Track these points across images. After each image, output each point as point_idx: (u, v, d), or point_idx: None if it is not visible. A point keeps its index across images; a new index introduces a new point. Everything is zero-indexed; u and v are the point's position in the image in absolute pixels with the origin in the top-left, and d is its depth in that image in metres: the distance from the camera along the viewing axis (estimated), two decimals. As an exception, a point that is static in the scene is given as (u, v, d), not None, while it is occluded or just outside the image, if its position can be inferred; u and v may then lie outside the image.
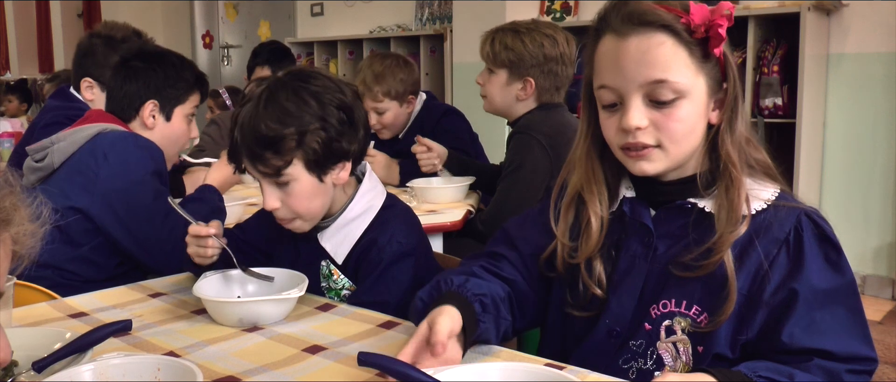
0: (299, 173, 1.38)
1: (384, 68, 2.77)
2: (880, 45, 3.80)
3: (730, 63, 1.12)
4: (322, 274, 1.50)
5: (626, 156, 1.14)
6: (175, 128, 2.00)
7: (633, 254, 1.17)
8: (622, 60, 1.10)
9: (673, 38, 1.08)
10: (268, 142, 1.35)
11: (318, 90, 1.37)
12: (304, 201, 1.40)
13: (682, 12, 1.08)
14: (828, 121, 3.98)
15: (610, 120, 1.14)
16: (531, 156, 2.18)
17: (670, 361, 1.12)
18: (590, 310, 1.18)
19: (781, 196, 1.13)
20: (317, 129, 1.36)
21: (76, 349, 1.06)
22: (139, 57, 1.99)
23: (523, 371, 0.98)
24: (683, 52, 1.08)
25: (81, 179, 1.82)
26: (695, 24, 1.07)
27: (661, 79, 1.08)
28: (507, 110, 2.32)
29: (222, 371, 1.09)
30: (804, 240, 1.08)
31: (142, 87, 1.95)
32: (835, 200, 3.96)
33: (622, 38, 1.10)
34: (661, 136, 1.11)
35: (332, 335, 1.24)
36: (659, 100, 1.09)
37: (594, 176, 1.20)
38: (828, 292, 1.06)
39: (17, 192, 0.82)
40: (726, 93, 1.13)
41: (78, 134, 1.87)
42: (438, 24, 5.52)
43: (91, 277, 1.79)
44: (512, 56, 2.24)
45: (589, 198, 1.20)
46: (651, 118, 1.10)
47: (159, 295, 1.48)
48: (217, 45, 7.63)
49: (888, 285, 3.89)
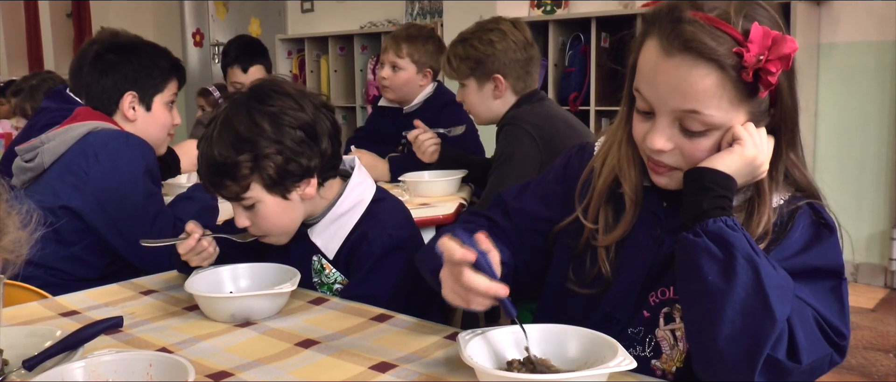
0: (261, 195, 1.38)
1: (420, 34, 2.89)
2: (871, 35, 3.81)
3: (783, 95, 1.04)
4: (314, 268, 1.49)
5: (650, 168, 1.12)
6: (157, 116, 2.00)
7: (639, 243, 1.16)
8: (660, 79, 1.03)
9: (718, 73, 0.99)
10: (222, 169, 1.35)
11: (274, 110, 1.36)
12: (271, 219, 1.41)
13: (741, 36, 0.98)
14: (820, 111, 3.99)
15: (640, 125, 1.10)
16: (520, 147, 2.18)
17: (668, 349, 1.13)
18: (593, 288, 1.18)
19: (793, 197, 1.11)
20: (272, 154, 1.35)
21: (67, 346, 1.06)
22: (112, 50, 1.97)
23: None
24: (728, 88, 1.00)
25: (73, 179, 1.81)
26: (746, 61, 0.97)
27: (694, 110, 1.02)
28: (491, 114, 2.35)
29: (215, 367, 1.09)
30: (796, 219, 1.07)
31: (119, 80, 1.94)
32: (827, 189, 3.90)
33: (666, 54, 1.01)
34: (684, 161, 1.07)
35: (324, 329, 1.23)
36: (688, 129, 1.04)
37: (632, 160, 1.16)
38: (810, 265, 1.04)
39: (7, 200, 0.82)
40: (773, 118, 1.07)
41: (68, 133, 1.85)
42: (429, 19, 5.51)
43: (82, 276, 1.78)
44: (470, 63, 2.28)
45: (626, 182, 1.16)
46: (677, 143, 1.06)
47: (151, 292, 1.47)
48: (207, 43, 7.60)
49: (880, 272, 3.91)
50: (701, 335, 0.98)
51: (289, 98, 1.38)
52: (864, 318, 3.47)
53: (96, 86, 1.96)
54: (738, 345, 0.94)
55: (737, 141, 1.03)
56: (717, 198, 1.00)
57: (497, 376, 0.95)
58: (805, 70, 3.80)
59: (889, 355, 3.06)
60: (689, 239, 0.99)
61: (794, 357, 0.95)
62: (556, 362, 1.01)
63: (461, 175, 2.49)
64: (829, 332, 1.00)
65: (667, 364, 1.13)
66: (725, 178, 1.02)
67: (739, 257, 0.95)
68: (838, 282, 1.05)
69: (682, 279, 1.02)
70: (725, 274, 0.95)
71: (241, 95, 1.40)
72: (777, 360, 0.94)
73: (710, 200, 1.00)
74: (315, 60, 6.08)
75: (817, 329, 0.99)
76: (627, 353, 0.94)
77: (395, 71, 2.86)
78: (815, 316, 1.00)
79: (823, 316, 1.01)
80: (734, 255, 0.95)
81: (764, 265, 0.96)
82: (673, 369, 1.12)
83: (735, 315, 0.94)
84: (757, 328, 0.93)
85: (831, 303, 1.03)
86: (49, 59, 8.69)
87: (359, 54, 5.75)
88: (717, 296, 0.95)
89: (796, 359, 0.95)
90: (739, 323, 0.94)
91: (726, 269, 0.95)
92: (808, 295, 1.01)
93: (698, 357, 1.00)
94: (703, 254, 0.97)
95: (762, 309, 0.93)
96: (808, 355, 0.96)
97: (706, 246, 0.97)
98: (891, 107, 3.80)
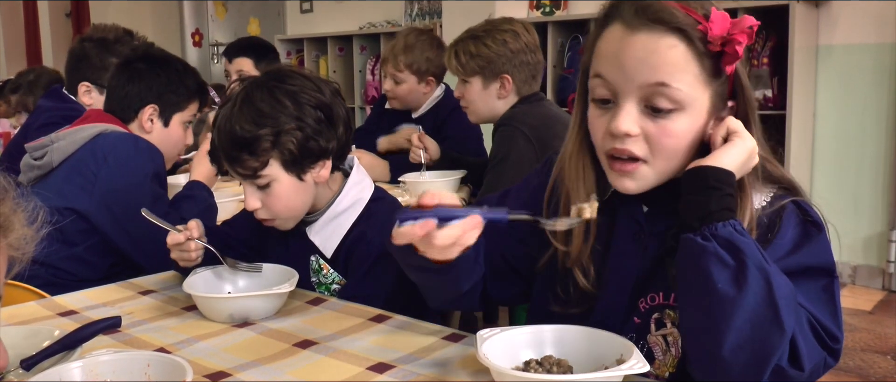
0: (277, 173, 1.38)
1: (416, 42, 2.81)
2: (869, 36, 3.82)
3: (741, 81, 1.04)
4: (312, 268, 1.50)
5: (610, 166, 1.06)
6: (172, 134, 1.99)
7: (624, 252, 1.13)
8: (625, 54, 1.01)
9: (686, 44, 0.99)
10: (243, 143, 1.35)
11: (295, 89, 1.38)
12: (284, 201, 1.41)
13: (703, 18, 0.99)
14: (818, 113, 3.99)
15: (599, 119, 1.06)
16: (516, 147, 2.18)
17: (660, 354, 1.11)
18: (579, 307, 1.15)
19: (777, 196, 1.07)
20: (292, 130, 1.36)
21: (65, 346, 1.06)
22: (144, 59, 1.98)
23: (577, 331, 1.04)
24: (693, 62, 1.00)
25: (81, 180, 1.81)
26: (712, 35, 0.98)
27: (662, 82, 0.99)
28: (492, 113, 2.34)
29: (213, 367, 1.09)
30: (783, 219, 1.04)
31: (144, 90, 1.94)
32: (825, 191, 3.97)
33: (631, 30, 1.01)
34: (651, 150, 1.03)
35: (322, 329, 1.23)
36: (656, 106, 1.01)
37: (584, 175, 1.12)
38: (802, 265, 1.02)
39: (14, 197, 0.82)
40: (735, 112, 1.06)
41: (78, 133, 1.86)
42: (428, 20, 5.51)
43: (85, 276, 1.78)
44: (480, 61, 2.27)
45: (576, 198, 1.10)
46: (643, 127, 1.02)
47: (149, 292, 1.47)
48: (206, 43, 7.60)
49: (878, 275, 3.91)
50: (704, 342, 0.95)
51: (307, 80, 1.41)
52: (862, 320, 3.47)
53: (120, 90, 1.95)
54: (744, 355, 0.92)
55: (733, 134, 1.01)
56: (724, 198, 0.97)
57: (512, 376, 0.95)
58: (803, 72, 3.80)
59: (887, 357, 3.06)
60: (697, 243, 0.94)
61: (797, 364, 0.94)
62: (572, 363, 1.01)
63: (460, 175, 2.49)
64: (823, 335, 0.98)
65: (660, 369, 1.11)
66: (728, 175, 0.99)
67: (751, 265, 0.92)
68: (830, 280, 1.03)
69: (686, 283, 0.98)
70: (736, 283, 0.92)
71: (259, 76, 1.42)
72: (781, 369, 0.93)
73: (717, 200, 0.96)
74: (314, 61, 6.08)
75: (813, 334, 0.97)
76: (641, 356, 0.94)
77: (397, 83, 2.84)
78: (809, 319, 0.98)
79: (817, 319, 0.99)
80: (746, 263, 0.92)
81: (775, 274, 0.93)
82: (666, 374, 1.11)
83: (744, 324, 0.91)
84: (765, 338, 0.91)
85: (824, 304, 1.01)
86: (48, 59, 8.67)
87: (358, 55, 5.75)
88: (727, 305, 0.92)
89: (799, 366, 0.94)
90: (747, 333, 0.91)
91: (737, 277, 0.92)
92: (801, 296, 0.99)
93: (699, 363, 0.98)
94: (713, 260, 0.93)
95: (772, 320, 0.91)
96: (810, 360, 0.95)
97: (716, 251, 0.93)
98: (889, 109, 3.80)
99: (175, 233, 1.39)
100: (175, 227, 1.40)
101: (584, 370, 1.01)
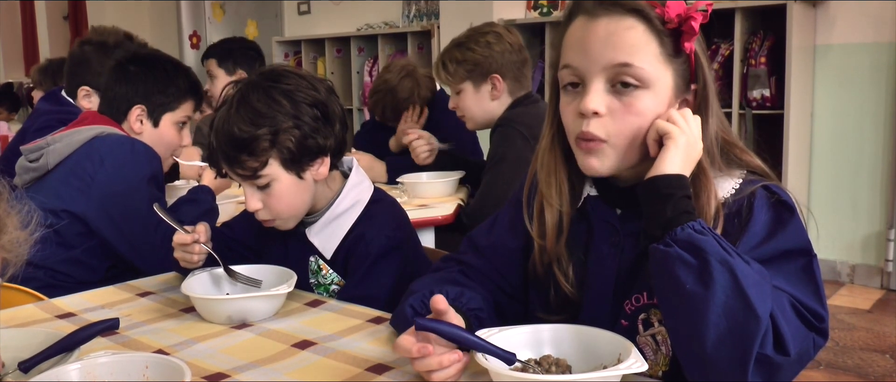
0: (277, 173, 1.38)
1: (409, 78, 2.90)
2: (866, 36, 3.82)
3: (701, 63, 1.09)
4: (311, 269, 1.49)
5: (578, 148, 1.10)
6: (163, 134, 1.97)
7: (601, 255, 1.15)
8: (589, 40, 1.07)
9: (644, 24, 1.05)
10: (241, 144, 1.35)
11: (290, 88, 1.38)
12: (285, 200, 1.41)
13: (657, 2, 1.05)
14: (816, 112, 3.99)
15: (570, 104, 1.10)
16: (513, 148, 2.19)
17: (651, 354, 1.11)
18: (563, 314, 1.16)
19: (746, 182, 1.09)
20: (290, 128, 1.36)
21: (63, 348, 1.05)
22: (134, 61, 1.97)
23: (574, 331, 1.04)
24: (653, 41, 1.05)
25: (77, 182, 1.80)
26: (668, 15, 1.04)
27: (625, 62, 1.04)
28: (488, 116, 2.35)
29: (211, 369, 1.09)
30: (755, 205, 1.05)
31: (131, 91, 1.94)
32: (824, 190, 3.98)
33: (593, 18, 1.07)
34: (614, 129, 1.07)
35: (321, 330, 1.23)
36: (623, 82, 1.05)
37: (554, 168, 1.17)
38: (779, 249, 1.03)
39: (8, 200, 0.82)
40: (696, 95, 1.10)
41: (74, 136, 1.85)
42: (426, 21, 5.51)
43: (83, 279, 1.77)
44: (467, 66, 2.28)
45: (546, 191, 1.16)
46: (609, 106, 1.06)
47: (147, 294, 1.47)
48: (204, 46, 7.59)
49: (877, 274, 3.91)
50: (688, 343, 0.97)
51: (302, 79, 1.41)
52: (861, 319, 3.47)
53: (111, 91, 1.95)
54: (726, 349, 0.93)
55: (664, 136, 1.03)
56: (679, 202, 0.99)
57: (511, 376, 0.95)
58: (801, 71, 3.81)
59: (885, 356, 3.06)
60: (660, 251, 0.98)
61: (782, 349, 0.95)
62: (571, 362, 1.01)
63: (459, 176, 2.49)
64: (807, 316, 0.99)
65: (652, 369, 1.11)
66: (678, 179, 1.01)
67: (713, 261, 0.94)
68: (809, 260, 1.03)
69: (660, 291, 1.00)
70: (702, 280, 0.94)
71: (254, 76, 1.42)
72: (766, 356, 0.94)
73: (672, 206, 0.99)
74: (312, 62, 6.08)
75: (796, 316, 0.98)
76: (640, 355, 0.94)
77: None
78: (791, 302, 0.99)
79: (800, 301, 1.00)
80: (708, 260, 0.94)
81: (739, 264, 0.95)
82: (660, 373, 1.11)
83: (718, 319, 0.93)
84: (742, 329, 0.92)
85: (805, 285, 1.02)
86: (45, 61, 8.66)
87: (355, 56, 5.75)
88: (698, 303, 0.94)
89: (784, 352, 0.95)
90: (724, 327, 0.93)
91: (702, 275, 0.94)
92: (781, 280, 1.00)
93: (688, 365, 0.99)
94: (677, 263, 0.96)
95: (745, 309, 0.93)
96: (795, 344, 0.95)
97: (679, 254, 0.96)
98: (886, 108, 3.81)
99: (183, 234, 1.39)
100: (183, 227, 1.40)
101: (582, 369, 1.01)
